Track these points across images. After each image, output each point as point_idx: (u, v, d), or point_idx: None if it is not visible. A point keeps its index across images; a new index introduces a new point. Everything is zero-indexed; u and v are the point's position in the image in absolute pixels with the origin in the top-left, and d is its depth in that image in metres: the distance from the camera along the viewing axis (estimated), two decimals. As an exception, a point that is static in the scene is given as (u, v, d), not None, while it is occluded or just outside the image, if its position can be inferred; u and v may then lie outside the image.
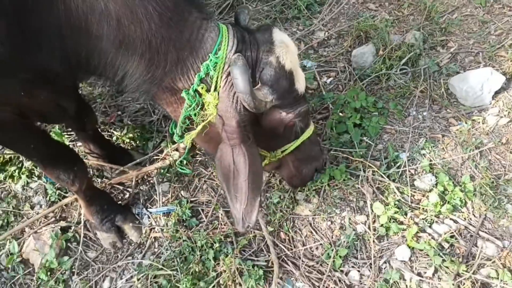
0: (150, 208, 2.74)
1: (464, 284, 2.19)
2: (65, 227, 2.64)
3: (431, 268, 2.27)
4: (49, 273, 2.47)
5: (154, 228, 2.63)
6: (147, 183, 2.92)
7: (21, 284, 2.47)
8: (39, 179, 2.88)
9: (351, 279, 2.32)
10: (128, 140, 3.07)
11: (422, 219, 2.45)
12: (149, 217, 2.69)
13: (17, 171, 2.89)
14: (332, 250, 2.40)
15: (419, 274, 2.29)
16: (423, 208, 2.49)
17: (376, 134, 2.88)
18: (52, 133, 2.99)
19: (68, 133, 3.08)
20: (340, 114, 2.97)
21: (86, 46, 1.62)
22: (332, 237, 2.49)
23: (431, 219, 2.44)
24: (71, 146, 3.03)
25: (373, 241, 2.41)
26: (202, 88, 1.75)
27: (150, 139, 3.07)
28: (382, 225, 2.45)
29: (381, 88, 3.16)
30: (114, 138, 3.11)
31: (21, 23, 1.46)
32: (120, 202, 2.76)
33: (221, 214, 2.61)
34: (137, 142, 3.09)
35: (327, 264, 2.35)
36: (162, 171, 2.86)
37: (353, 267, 2.37)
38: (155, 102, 1.99)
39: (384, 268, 2.34)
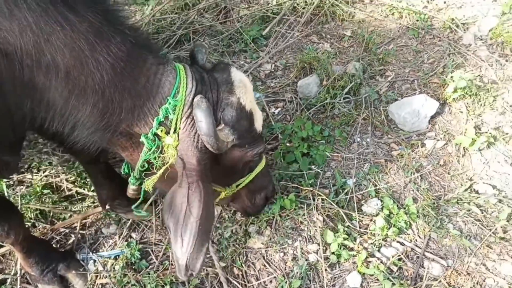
0: (99, 252, 2.61)
1: (413, 306, 2.23)
2: (1, 280, 2.45)
3: (382, 292, 2.31)
4: (-18, 333, 2.26)
5: (100, 273, 2.50)
6: (94, 225, 2.80)
7: None
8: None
9: (306, 310, 2.31)
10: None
11: (371, 243, 2.50)
12: (95, 262, 2.56)
13: None
14: (286, 282, 2.38)
15: (371, 300, 2.31)
16: (371, 233, 2.56)
17: (323, 162, 2.95)
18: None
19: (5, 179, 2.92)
20: (288, 144, 3.03)
21: (31, 98, 1.55)
22: (285, 269, 2.48)
23: (379, 243, 2.50)
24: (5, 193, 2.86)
25: (325, 269, 2.43)
26: (161, 131, 1.74)
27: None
28: (333, 253, 2.47)
29: (326, 117, 3.27)
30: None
31: None
32: (63, 248, 2.61)
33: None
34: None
35: (281, 298, 2.32)
36: (109, 212, 2.76)
37: (307, 298, 2.36)
38: (109, 147, 1.93)
39: (337, 297, 2.36)
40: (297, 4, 3.96)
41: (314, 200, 2.70)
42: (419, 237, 2.55)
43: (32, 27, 1.41)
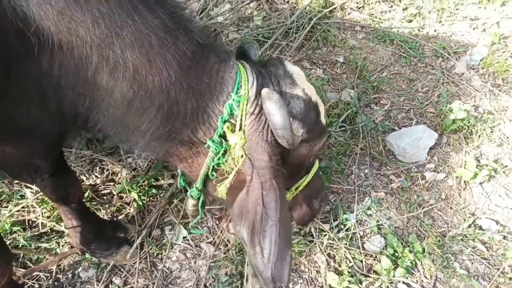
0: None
1: None
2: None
3: None
4: None
5: (81, 325, 2.24)
6: (71, 268, 2.54)
7: None
8: None
9: None
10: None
11: (378, 286, 2.36)
12: (74, 312, 2.30)
13: None
14: (288, 331, 2.20)
15: None
16: (376, 272, 2.42)
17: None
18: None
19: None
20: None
21: (91, 97, 1.46)
22: (286, 315, 2.29)
23: (386, 286, 2.36)
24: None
25: (330, 316, 2.26)
26: (227, 128, 1.62)
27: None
28: (337, 297, 2.32)
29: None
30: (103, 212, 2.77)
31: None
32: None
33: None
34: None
35: None
36: (86, 255, 2.51)
37: None
38: (166, 159, 1.84)
39: None
40: (289, 29, 3.87)
41: (316, 236, 2.55)
42: (425, 277, 2.43)
43: (105, 19, 1.31)
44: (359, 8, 4.26)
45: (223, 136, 1.66)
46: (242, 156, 1.65)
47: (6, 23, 1.23)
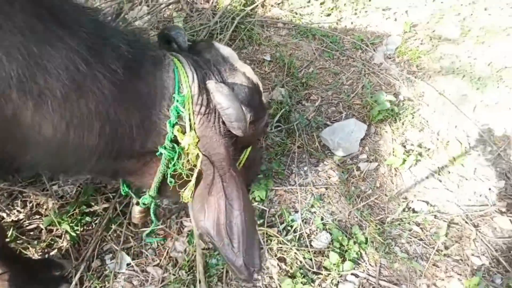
0: None
1: None
2: None
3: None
4: None
5: None
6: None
7: None
8: None
9: None
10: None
11: (329, 282, 2.43)
12: None
13: None
14: None
15: None
16: (326, 268, 2.49)
17: (266, 197, 2.81)
18: None
19: None
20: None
21: (13, 140, 1.31)
22: (245, 327, 2.28)
23: (337, 280, 2.44)
24: None
25: (288, 320, 2.29)
26: (178, 130, 1.56)
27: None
28: (293, 301, 2.35)
29: (261, 148, 3.14)
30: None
31: None
32: None
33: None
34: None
35: None
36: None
37: None
38: (114, 177, 1.81)
39: None
40: (213, 30, 3.78)
41: (265, 242, 2.55)
42: (371, 265, 2.56)
43: (21, 50, 1.18)
44: (279, 4, 4.28)
45: (174, 140, 1.60)
46: (198, 155, 1.62)
47: None
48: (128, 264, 2.57)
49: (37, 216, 2.78)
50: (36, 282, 2.33)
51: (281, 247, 2.54)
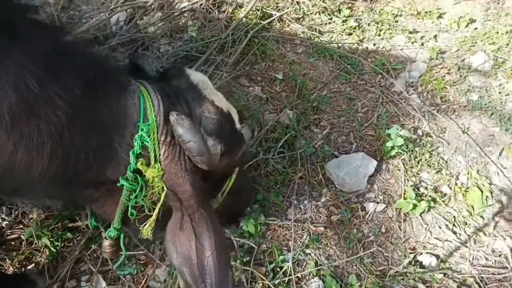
0: None
1: None
2: None
3: None
4: None
5: None
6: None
7: None
8: None
9: None
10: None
11: None
12: None
13: None
14: None
15: None
16: (314, 321, 2.25)
17: (258, 233, 2.59)
18: None
19: None
20: (217, 215, 2.62)
21: None
22: None
23: (324, 337, 2.20)
24: None
25: None
26: (141, 164, 1.49)
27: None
28: None
29: (259, 175, 2.93)
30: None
31: None
32: None
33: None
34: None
35: None
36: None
37: None
38: (72, 202, 1.76)
39: None
40: (224, 43, 3.60)
41: (249, 283, 2.33)
42: (365, 322, 2.29)
43: None
44: (298, 19, 4.06)
45: (136, 171, 1.52)
46: (163, 189, 1.56)
47: None
48: (103, 289, 2.41)
49: (20, 226, 2.66)
50: None
51: (267, 292, 2.31)
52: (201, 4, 3.87)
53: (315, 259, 2.50)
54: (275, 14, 3.96)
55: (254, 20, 3.81)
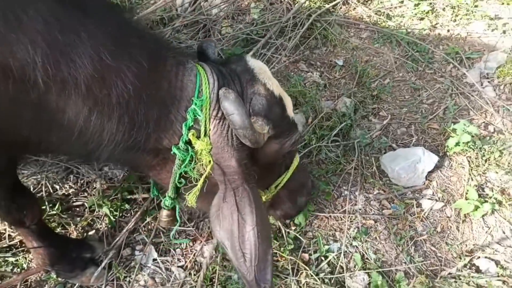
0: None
1: None
2: None
3: None
4: None
5: None
6: (37, 285, 2.41)
7: None
8: None
9: None
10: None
11: (354, 333, 2.15)
12: None
13: None
14: None
15: None
16: (356, 314, 2.20)
17: (305, 221, 2.57)
18: None
19: None
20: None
21: (38, 122, 1.39)
22: None
23: (364, 332, 2.15)
24: None
25: None
26: (192, 135, 1.59)
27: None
28: None
29: (311, 162, 2.88)
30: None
31: None
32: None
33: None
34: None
35: None
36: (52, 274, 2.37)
37: None
38: (134, 168, 1.86)
39: None
40: (285, 27, 3.54)
41: (293, 273, 2.34)
42: (410, 323, 2.20)
43: (45, 37, 1.22)
44: (365, 2, 3.87)
45: (188, 142, 1.62)
46: (209, 162, 1.63)
47: None
48: (154, 260, 2.56)
49: (85, 194, 2.89)
50: (67, 261, 2.42)
51: (309, 282, 2.30)
52: (264, -14, 3.83)
53: (362, 252, 2.43)
54: (340, -3, 3.81)
55: (317, 3, 3.70)
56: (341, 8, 3.80)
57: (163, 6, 3.75)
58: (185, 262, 2.54)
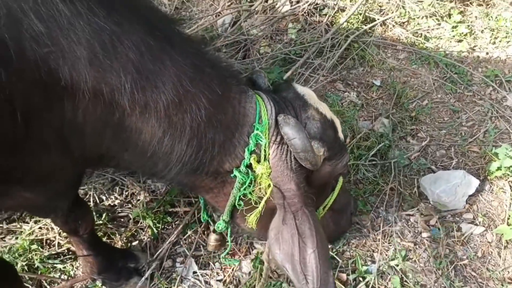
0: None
1: None
2: None
3: None
4: None
5: None
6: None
7: None
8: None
9: None
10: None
11: None
12: None
13: None
14: None
15: None
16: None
17: (343, 241, 2.60)
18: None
19: None
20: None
21: (116, 140, 1.48)
22: None
23: None
24: None
25: None
26: (254, 159, 1.66)
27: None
28: None
29: (349, 181, 2.92)
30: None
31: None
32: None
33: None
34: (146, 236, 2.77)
35: None
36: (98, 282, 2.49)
37: None
38: (192, 190, 1.95)
39: None
40: (323, 47, 3.63)
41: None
42: None
43: (135, 64, 1.33)
44: (403, 23, 3.91)
45: (249, 166, 1.68)
46: (269, 185, 1.68)
47: (28, 75, 1.19)
48: (194, 272, 2.64)
49: (129, 206, 3.02)
50: (114, 270, 2.54)
51: (347, 301, 2.33)
52: (303, 8, 3.93)
53: (401, 275, 2.44)
54: (378, 19, 3.86)
55: (355, 24, 3.77)
56: (378, 29, 3.86)
57: (204, 26, 3.91)
58: (224, 276, 2.61)
